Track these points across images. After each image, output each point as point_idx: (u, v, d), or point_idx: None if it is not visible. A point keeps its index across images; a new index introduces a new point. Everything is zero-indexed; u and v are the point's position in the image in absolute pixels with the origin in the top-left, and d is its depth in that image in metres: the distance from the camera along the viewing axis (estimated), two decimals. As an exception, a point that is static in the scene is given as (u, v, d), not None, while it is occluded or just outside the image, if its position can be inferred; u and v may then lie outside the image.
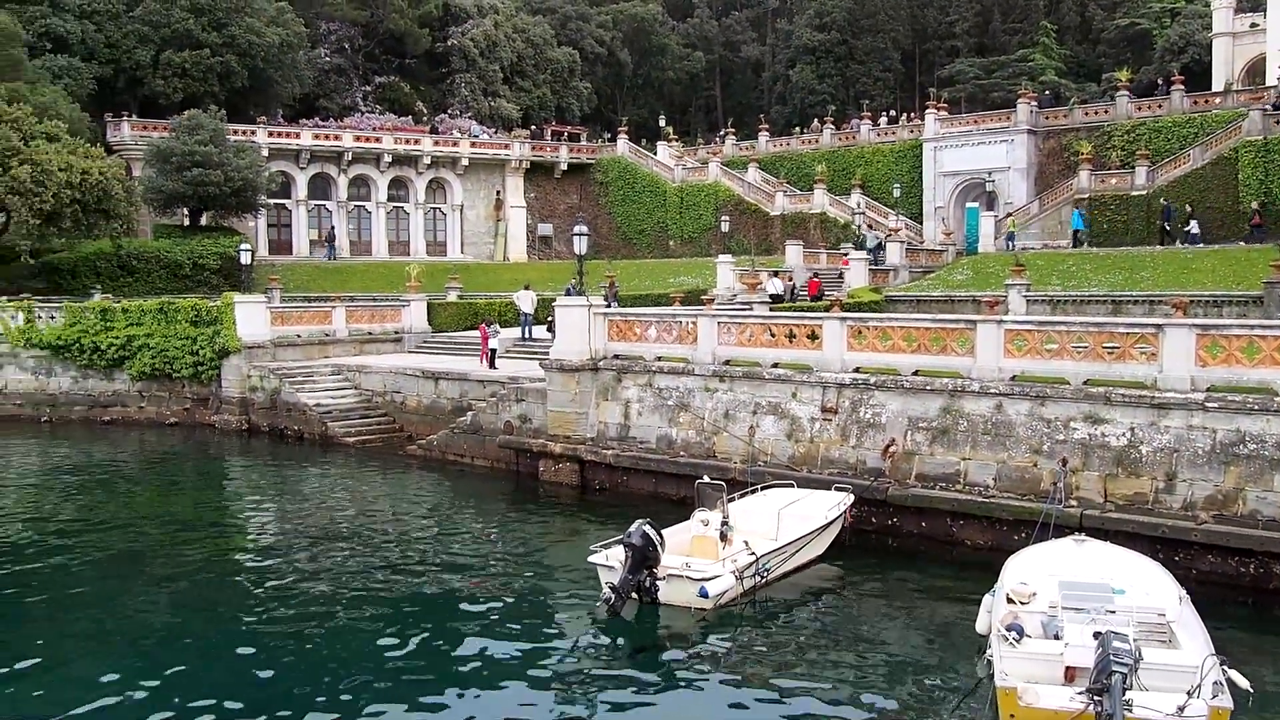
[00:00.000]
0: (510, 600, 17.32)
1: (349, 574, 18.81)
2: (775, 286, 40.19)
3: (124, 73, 62.42)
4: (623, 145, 73.68)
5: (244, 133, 60.39)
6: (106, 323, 37.56)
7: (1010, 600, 13.60)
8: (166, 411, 37.26)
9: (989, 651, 12.88)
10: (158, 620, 16.68)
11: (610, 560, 16.50)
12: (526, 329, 36.77)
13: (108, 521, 23.60)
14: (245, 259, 47.68)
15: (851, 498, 19.82)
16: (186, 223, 54.57)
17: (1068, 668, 12.10)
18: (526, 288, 38.96)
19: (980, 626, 14.46)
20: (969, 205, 56.45)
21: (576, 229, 34.12)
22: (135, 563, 20.02)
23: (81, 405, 37.92)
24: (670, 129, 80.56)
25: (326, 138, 65.70)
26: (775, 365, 23.37)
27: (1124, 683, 10.85)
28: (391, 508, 24.85)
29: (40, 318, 38.45)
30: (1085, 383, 19.13)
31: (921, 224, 59.50)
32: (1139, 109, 54.90)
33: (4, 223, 45.02)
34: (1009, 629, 12.68)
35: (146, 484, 28.44)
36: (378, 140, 66.88)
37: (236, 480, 29.77)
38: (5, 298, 39.98)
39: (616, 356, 26.09)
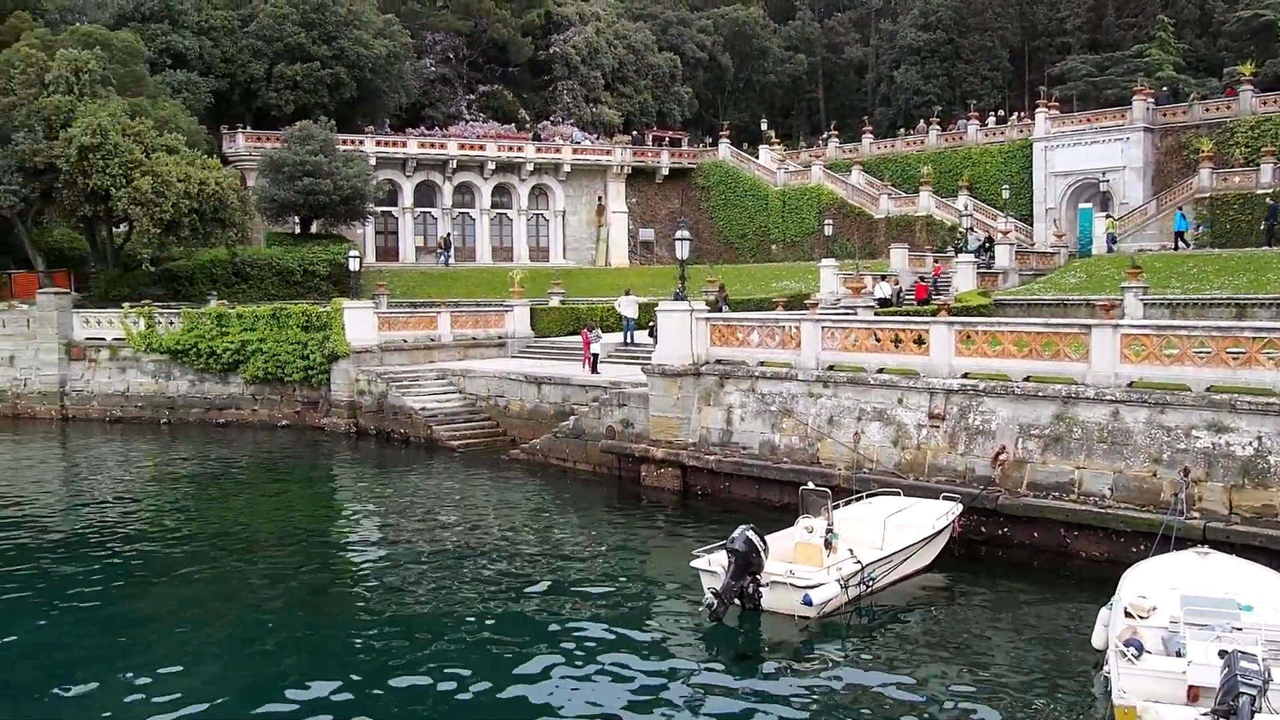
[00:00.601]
0: (612, 604, 17.28)
1: (452, 574, 18.99)
2: (882, 290, 39.58)
3: (239, 86, 64.50)
4: (724, 149, 73.46)
5: (353, 142, 61.87)
6: (222, 328, 38.70)
7: (1129, 614, 13.07)
8: (278, 414, 38.21)
9: (1106, 668, 12.40)
10: (270, 620, 17.02)
11: (713, 565, 16.38)
12: (629, 334, 36.80)
13: (223, 522, 24.32)
14: (354, 265, 48.61)
15: (960, 507, 19.32)
16: (297, 230, 56.00)
17: (1190, 687, 11.56)
18: (628, 293, 39.01)
19: (1096, 641, 13.95)
20: (1082, 206, 54.87)
21: (678, 233, 33.89)
22: (248, 563, 20.50)
23: (198, 408, 39.12)
24: (772, 132, 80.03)
25: (432, 146, 66.87)
26: (881, 371, 22.95)
27: (1252, 705, 10.33)
28: (495, 511, 25.03)
29: (160, 323, 39.80)
30: (1208, 389, 18.34)
31: (1031, 226, 58.01)
32: (1264, 104, 52.66)
33: (127, 232, 46.77)
34: (1127, 645, 12.18)
35: (259, 485, 29.17)
36: (481, 148, 67.81)
37: (345, 482, 30.36)
38: (128, 304, 41.48)
39: (719, 361, 25.92)
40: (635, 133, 78.74)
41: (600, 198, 72.23)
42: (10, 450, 35.13)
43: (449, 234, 66.19)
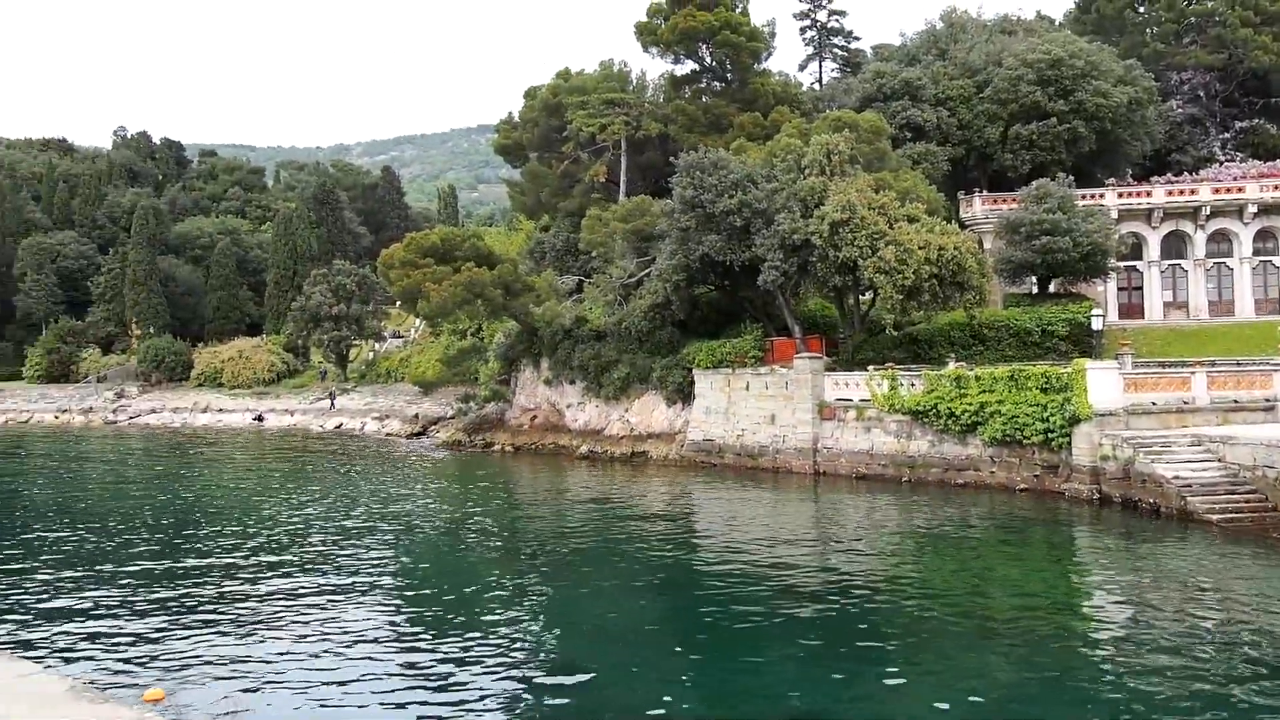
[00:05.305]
0: None
1: (1203, 671, 16.84)
2: None
3: (974, 151, 65.68)
4: None
5: (1092, 196, 59.59)
6: (960, 390, 39.07)
7: None
8: (1016, 477, 37.40)
9: None
10: (1000, 692, 16.39)
11: None
12: None
13: (958, 583, 24.28)
14: (1096, 324, 46.60)
15: None
16: (1034, 290, 55.07)
17: None
18: None
19: None
20: None
21: None
22: (979, 625, 20.15)
23: (937, 468, 39.79)
24: None
25: (1180, 193, 61.83)
26: None
27: None
28: (1259, 600, 21.83)
29: (902, 385, 41.38)
30: None
31: None
32: None
33: (872, 299, 49.54)
34: None
35: (993, 549, 28.65)
36: (1240, 190, 61.14)
37: (1086, 552, 28.72)
38: (872, 367, 43.79)
39: None
40: None
41: (1395, 236, 61.14)
42: (771, 500, 38.80)
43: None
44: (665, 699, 16.20)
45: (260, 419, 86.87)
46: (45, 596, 23.44)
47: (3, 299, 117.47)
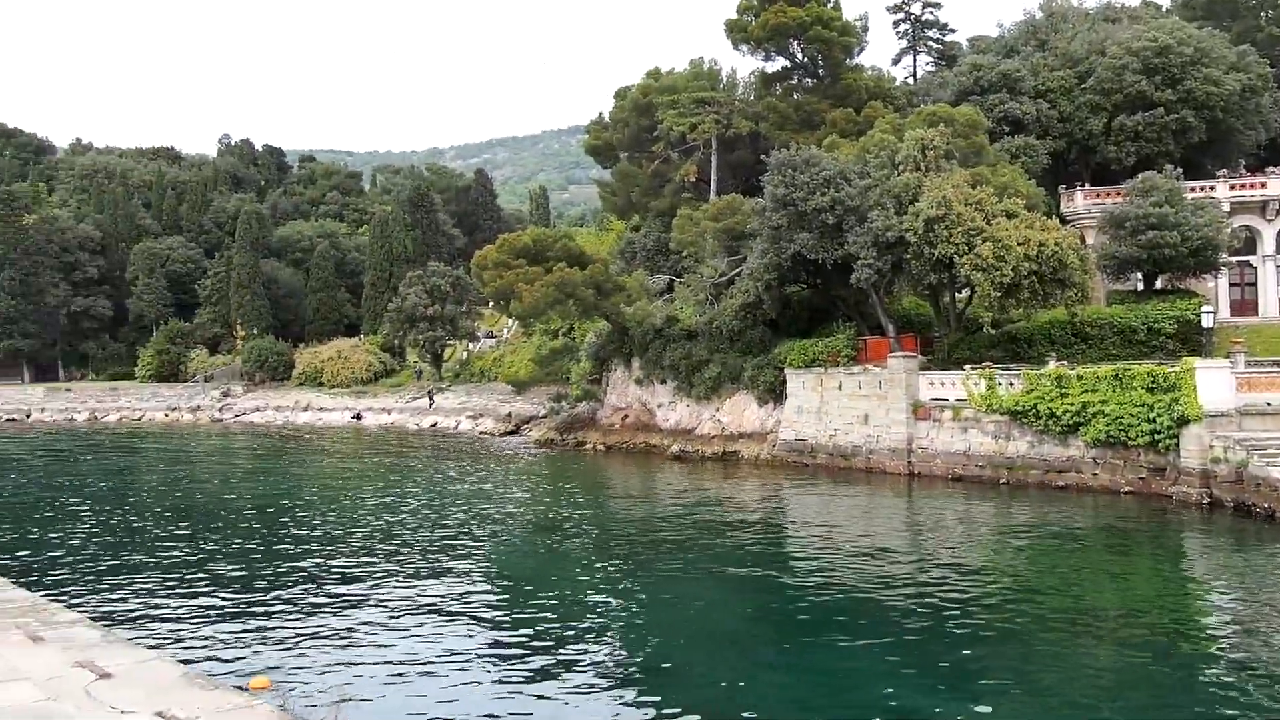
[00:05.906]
0: None
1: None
2: None
3: (1076, 144, 63.97)
4: None
5: (1201, 189, 57.55)
6: (1061, 389, 38.08)
7: None
8: (1120, 480, 36.29)
9: None
10: (1101, 697, 15.88)
11: None
12: None
13: (1054, 585, 23.65)
14: (1207, 322, 45.02)
15: None
16: (1140, 287, 53.42)
17: None
18: None
19: None
20: None
21: None
22: (1081, 632, 19.57)
23: (1036, 469, 38.81)
24: None
25: (1297, 184, 59.47)
26: None
27: None
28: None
29: (1000, 384, 40.47)
30: None
31: None
32: None
33: (968, 297, 48.57)
34: None
35: (1097, 554, 27.79)
36: (1360, 180, 58.60)
37: (1195, 558, 27.77)
38: (969, 366, 42.90)
39: None
40: None
41: None
42: (864, 501, 38.31)
43: None
44: (753, 702, 16.06)
45: (359, 417, 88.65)
46: (162, 587, 24.21)
47: (116, 302, 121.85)
